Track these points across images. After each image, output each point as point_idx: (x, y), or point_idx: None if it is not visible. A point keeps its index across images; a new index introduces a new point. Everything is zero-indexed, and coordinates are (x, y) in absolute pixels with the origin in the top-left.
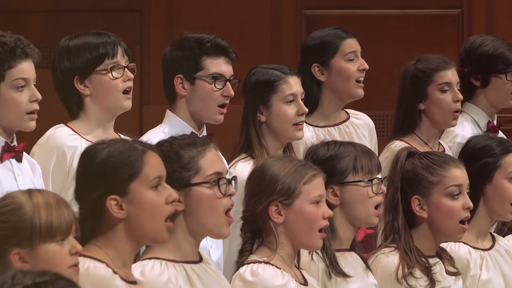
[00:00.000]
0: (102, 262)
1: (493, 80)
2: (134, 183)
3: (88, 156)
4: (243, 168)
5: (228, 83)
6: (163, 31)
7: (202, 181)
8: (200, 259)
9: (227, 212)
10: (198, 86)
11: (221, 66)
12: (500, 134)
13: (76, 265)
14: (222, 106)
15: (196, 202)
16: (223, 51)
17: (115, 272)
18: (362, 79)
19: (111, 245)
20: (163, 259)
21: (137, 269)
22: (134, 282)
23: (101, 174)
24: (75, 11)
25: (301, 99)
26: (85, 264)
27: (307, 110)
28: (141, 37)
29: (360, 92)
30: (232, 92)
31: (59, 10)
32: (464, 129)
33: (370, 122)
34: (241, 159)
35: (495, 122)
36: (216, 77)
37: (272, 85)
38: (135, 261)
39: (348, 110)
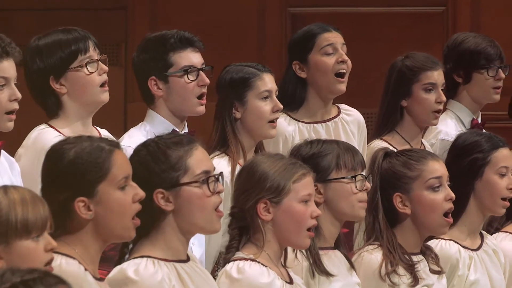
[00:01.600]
0: (74, 258)
1: (475, 76)
2: (102, 185)
3: (55, 155)
4: (218, 164)
5: (201, 72)
6: (148, 29)
7: (191, 180)
8: (188, 258)
9: (216, 208)
10: (173, 83)
11: (189, 57)
12: (488, 132)
13: (50, 261)
14: (200, 96)
15: (186, 201)
16: (188, 42)
17: (85, 269)
18: (343, 71)
19: (79, 242)
20: (155, 258)
21: (130, 268)
22: (101, 279)
23: (68, 176)
24: (61, 9)
25: (276, 96)
26: (57, 260)
27: (281, 106)
28: (126, 35)
29: (341, 87)
30: (207, 80)
31: (45, 8)
32: (448, 126)
33: (360, 118)
34: (216, 156)
35: (479, 120)
36: (187, 70)
37: (248, 82)
38: (121, 259)
39: (340, 105)
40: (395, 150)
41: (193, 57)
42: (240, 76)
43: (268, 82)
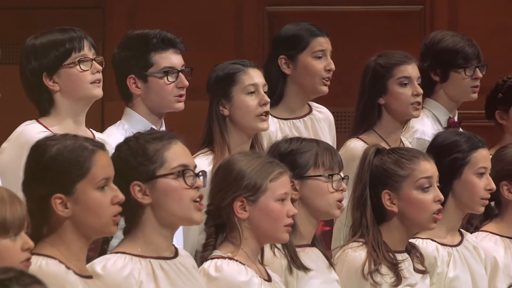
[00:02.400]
0: (55, 258)
1: (452, 75)
2: (81, 183)
3: (37, 150)
4: (200, 161)
5: (180, 74)
6: (126, 28)
7: (167, 172)
8: (175, 255)
9: (196, 202)
10: (152, 83)
11: (170, 59)
12: (467, 132)
13: (27, 260)
14: (178, 96)
15: (162, 193)
16: (170, 43)
17: (68, 268)
18: (328, 78)
19: (61, 241)
20: (129, 254)
21: (99, 263)
22: (89, 276)
23: (48, 171)
24: (39, 8)
25: (264, 92)
26: (38, 262)
27: (268, 100)
28: (104, 34)
29: (325, 89)
30: (186, 82)
31: (23, 7)
32: (424, 125)
33: (330, 116)
34: (201, 153)
35: (456, 118)
36: (167, 71)
37: (232, 77)
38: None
39: (310, 103)
40: (387, 148)
41: (174, 58)
42: (225, 72)
43: (253, 76)
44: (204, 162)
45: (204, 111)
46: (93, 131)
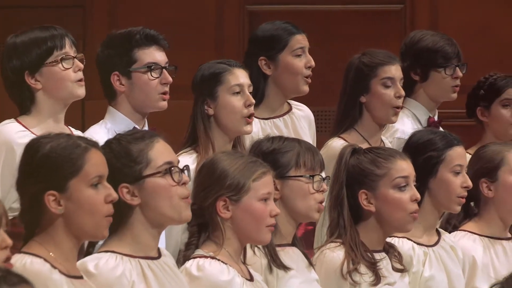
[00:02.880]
0: (40, 257)
1: (432, 75)
2: (74, 181)
3: (31, 149)
4: (184, 160)
5: (164, 70)
6: (106, 26)
7: (154, 172)
8: (159, 256)
9: (184, 198)
10: (135, 79)
11: (154, 55)
12: (441, 130)
13: (7, 259)
14: (163, 94)
15: (151, 193)
16: (153, 40)
17: (54, 267)
18: (309, 75)
19: (51, 240)
20: (119, 253)
21: (91, 262)
22: (79, 277)
23: (41, 168)
24: (19, 6)
25: (249, 92)
26: (23, 260)
27: (254, 101)
28: (84, 33)
29: (306, 88)
30: (170, 79)
31: (3, 6)
32: (404, 125)
33: (310, 114)
34: (184, 152)
35: (436, 118)
36: (151, 67)
37: (218, 77)
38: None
39: (290, 101)
40: (363, 147)
41: (157, 55)
42: (211, 72)
43: (239, 76)
44: (188, 160)
45: (186, 110)
46: (72, 129)
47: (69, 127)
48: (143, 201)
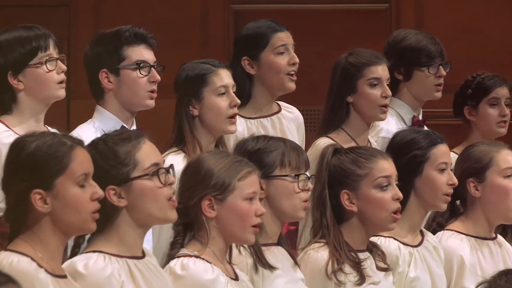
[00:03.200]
0: (27, 256)
1: (415, 74)
2: (60, 179)
3: (16, 147)
4: (172, 160)
5: (153, 69)
6: (92, 26)
7: (141, 174)
8: (143, 255)
9: (170, 199)
10: (124, 77)
11: (142, 53)
12: (426, 129)
13: None
14: (151, 92)
15: (139, 195)
16: (142, 38)
17: (40, 266)
18: (293, 72)
19: (37, 239)
20: (107, 253)
21: (80, 262)
22: (63, 276)
23: (27, 167)
24: (3, 6)
25: (233, 92)
26: (10, 258)
27: (239, 102)
28: (69, 32)
29: (292, 85)
30: (159, 77)
31: None
32: (389, 124)
33: (300, 117)
34: (172, 152)
35: (420, 117)
36: (139, 64)
37: (203, 78)
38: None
39: (280, 103)
40: (345, 147)
41: (146, 53)
42: (196, 73)
43: (224, 77)
44: (177, 160)
45: (173, 109)
46: (50, 128)
47: (46, 126)
48: (130, 202)
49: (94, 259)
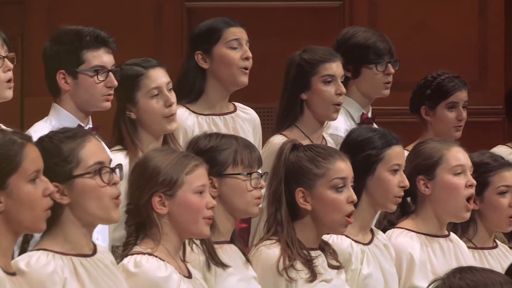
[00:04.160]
0: None
1: (364, 71)
2: (13, 177)
3: None
4: (116, 157)
5: (110, 74)
6: (45, 23)
7: (83, 172)
8: (94, 252)
9: (116, 198)
10: (81, 80)
11: (102, 57)
12: (375, 126)
13: None
14: (107, 95)
15: (80, 193)
16: (103, 42)
17: None
18: (247, 67)
19: None
20: (51, 251)
21: (22, 260)
22: (13, 274)
23: None
24: None
25: (168, 90)
26: None
27: (173, 100)
28: (22, 29)
29: (244, 79)
30: (115, 82)
31: None
32: (337, 121)
33: (256, 118)
34: (116, 149)
35: (369, 114)
36: (98, 70)
37: (135, 82)
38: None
39: (236, 104)
40: (303, 144)
41: (105, 58)
42: (129, 75)
43: (156, 78)
44: (120, 157)
45: None
46: (3, 126)
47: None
48: (73, 200)
49: (37, 257)
